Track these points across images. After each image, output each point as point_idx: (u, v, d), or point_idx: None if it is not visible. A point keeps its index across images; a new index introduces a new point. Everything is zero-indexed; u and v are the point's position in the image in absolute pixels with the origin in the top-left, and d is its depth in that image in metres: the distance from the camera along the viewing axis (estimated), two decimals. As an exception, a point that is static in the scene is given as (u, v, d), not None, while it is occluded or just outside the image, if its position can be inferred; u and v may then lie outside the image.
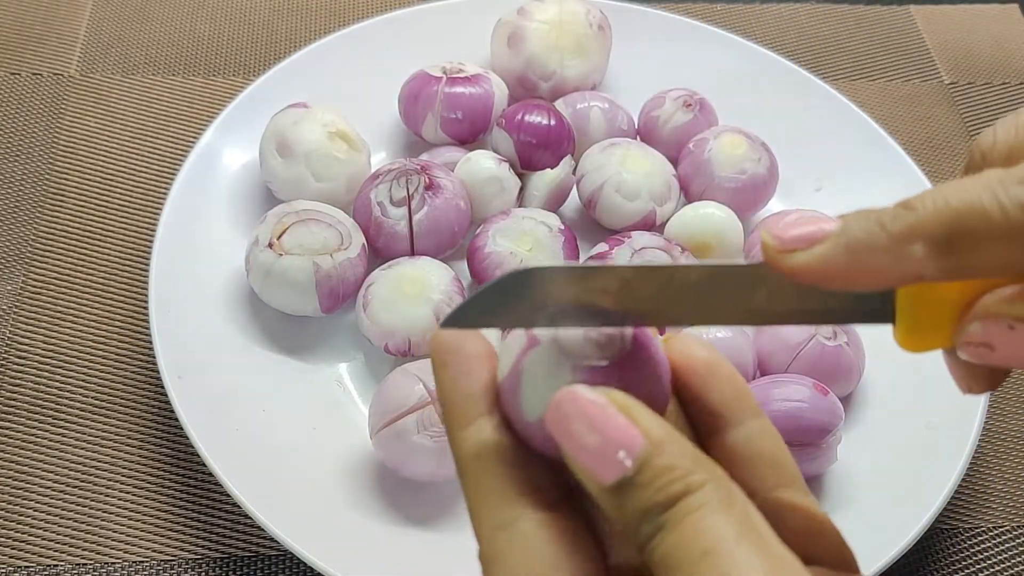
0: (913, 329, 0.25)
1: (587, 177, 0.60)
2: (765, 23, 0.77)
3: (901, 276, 0.23)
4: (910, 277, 0.23)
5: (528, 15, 0.64)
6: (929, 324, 0.25)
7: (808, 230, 0.23)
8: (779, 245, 0.23)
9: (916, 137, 0.71)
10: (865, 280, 0.23)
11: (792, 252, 0.23)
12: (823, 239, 0.23)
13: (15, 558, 0.48)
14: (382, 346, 0.53)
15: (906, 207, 0.23)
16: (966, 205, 0.22)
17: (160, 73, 0.69)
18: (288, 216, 0.54)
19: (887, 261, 0.22)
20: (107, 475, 0.51)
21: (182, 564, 0.49)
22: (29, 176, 0.62)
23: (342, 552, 0.46)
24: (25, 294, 0.57)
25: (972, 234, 0.22)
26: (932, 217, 0.22)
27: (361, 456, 0.51)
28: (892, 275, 0.23)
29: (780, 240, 0.23)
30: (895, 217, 0.22)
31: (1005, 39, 0.79)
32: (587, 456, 0.22)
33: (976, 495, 0.55)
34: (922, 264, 0.22)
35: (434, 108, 0.61)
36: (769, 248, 0.24)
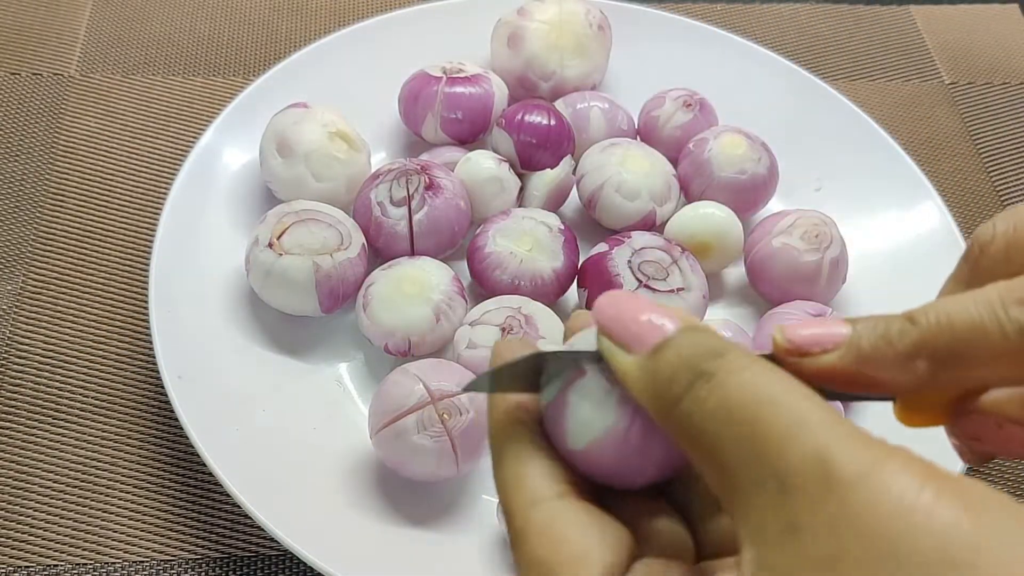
0: (911, 410, 0.26)
1: (587, 177, 0.60)
2: (765, 23, 0.77)
3: (905, 387, 0.24)
4: (913, 388, 0.24)
5: (528, 15, 0.64)
6: (926, 408, 0.26)
7: (819, 335, 0.24)
8: (791, 348, 0.24)
9: (916, 137, 0.71)
10: (871, 388, 0.24)
11: (803, 357, 0.24)
12: (833, 348, 0.24)
13: (15, 558, 0.48)
14: (382, 346, 0.53)
15: (911, 321, 0.23)
16: (968, 326, 0.23)
17: (160, 73, 0.69)
18: (288, 216, 0.54)
19: (892, 373, 0.23)
20: (107, 475, 0.51)
21: (182, 564, 0.49)
22: (29, 176, 0.62)
23: (342, 552, 0.46)
24: (25, 294, 0.57)
25: (973, 354, 0.23)
26: (935, 335, 0.23)
27: (361, 456, 0.51)
28: (896, 385, 0.24)
29: (792, 344, 0.24)
30: (901, 333, 0.23)
31: (1005, 39, 0.79)
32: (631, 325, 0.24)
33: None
34: (924, 378, 0.23)
35: (434, 108, 0.61)
36: (780, 348, 0.25)
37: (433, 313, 0.53)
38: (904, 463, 0.19)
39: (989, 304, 0.23)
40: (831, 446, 0.20)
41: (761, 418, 0.21)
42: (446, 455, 0.48)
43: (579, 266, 0.57)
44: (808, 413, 0.20)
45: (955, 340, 0.23)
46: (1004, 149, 0.72)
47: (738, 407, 0.21)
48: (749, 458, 0.21)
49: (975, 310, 0.23)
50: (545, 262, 0.55)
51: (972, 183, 0.69)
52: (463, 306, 0.54)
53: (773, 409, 0.21)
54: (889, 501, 0.19)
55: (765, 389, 0.21)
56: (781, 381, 0.21)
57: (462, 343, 0.52)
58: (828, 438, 0.20)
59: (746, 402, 0.21)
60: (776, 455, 0.20)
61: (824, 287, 0.57)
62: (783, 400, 0.21)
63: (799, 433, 0.20)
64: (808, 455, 0.20)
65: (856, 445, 0.20)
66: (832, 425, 0.20)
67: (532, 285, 0.55)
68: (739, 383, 0.21)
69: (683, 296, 0.54)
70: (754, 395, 0.21)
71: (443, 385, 0.48)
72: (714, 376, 0.22)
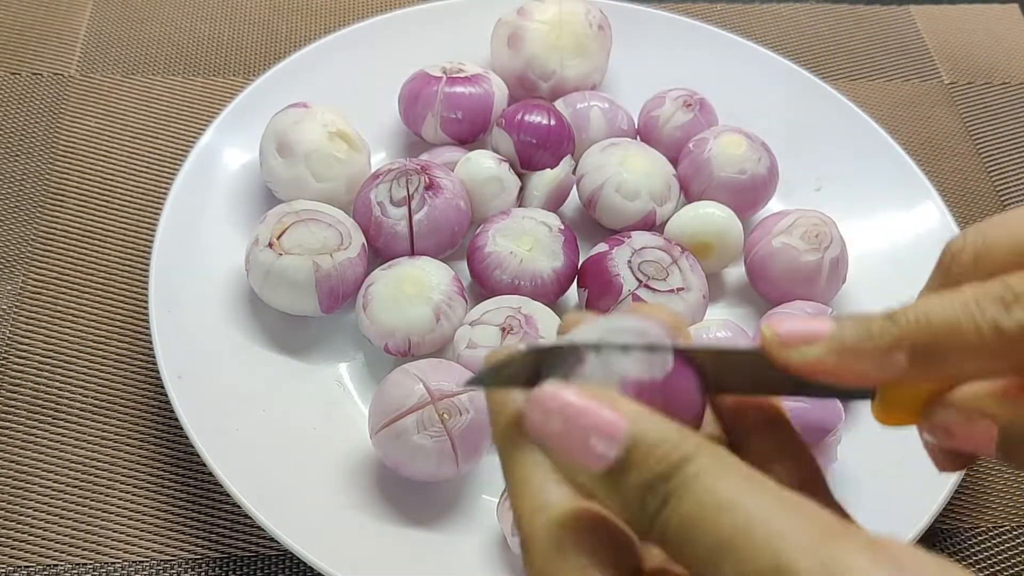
0: (887, 408, 0.27)
1: (587, 177, 0.60)
2: (765, 23, 0.77)
3: (883, 377, 0.25)
4: (891, 378, 0.25)
5: (528, 15, 0.65)
6: (902, 405, 0.27)
7: (804, 329, 0.26)
8: (777, 340, 0.26)
9: (916, 137, 0.71)
10: (851, 379, 0.25)
11: (789, 348, 0.25)
12: (817, 340, 0.25)
13: (15, 558, 0.48)
14: (382, 346, 0.53)
15: (891, 319, 0.25)
16: (945, 324, 0.24)
17: (160, 73, 0.69)
18: (288, 216, 0.54)
19: (872, 366, 0.25)
20: (107, 475, 0.51)
21: (182, 564, 0.49)
22: (29, 176, 0.62)
23: (342, 552, 0.46)
24: (25, 294, 0.57)
25: (949, 350, 0.24)
26: (914, 331, 0.25)
27: (361, 456, 0.51)
28: (876, 378, 0.25)
29: (778, 336, 0.26)
30: (882, 329, 0.25)
31: (1005, 39, 0.79)
32: (575, 450, 0.23)
33: (976, 495, 0.55)
34: (903, 370, 0.25)
35: (434, 108, 0.61)
36: (768, 342, 0.26)
37: (433, 313, 0.53)
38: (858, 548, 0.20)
39: (965, 303, 0.24)
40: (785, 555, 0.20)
41: (717, 532, 0.21)
42: (446, 455, 0.48)
43: (579, 266, 0.57)
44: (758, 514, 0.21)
45: (933, 336, 0.24)
46: (1004, 149, 0.72)
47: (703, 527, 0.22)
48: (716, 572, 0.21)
49: (951, 309, 0.24)
50: (545, 262, 0.55)
51: (972, 183, 0.69)
52: (463, 306, 0.54)
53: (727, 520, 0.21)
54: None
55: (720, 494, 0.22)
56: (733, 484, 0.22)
57: (462, 343, 0.52)
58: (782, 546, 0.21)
59: (702, 518, 0.22)
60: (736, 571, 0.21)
61: (824, 287, 0.57)
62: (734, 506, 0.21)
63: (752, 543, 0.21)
64: (765, 567, 0.21)
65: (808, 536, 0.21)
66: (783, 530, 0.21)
67: (532, 285, 0.55)
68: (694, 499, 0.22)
69: (683, 296, 0.54)
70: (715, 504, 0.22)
71: (443, 385, 0.48)
72: (670, 497, 0.22)
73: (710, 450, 0.23)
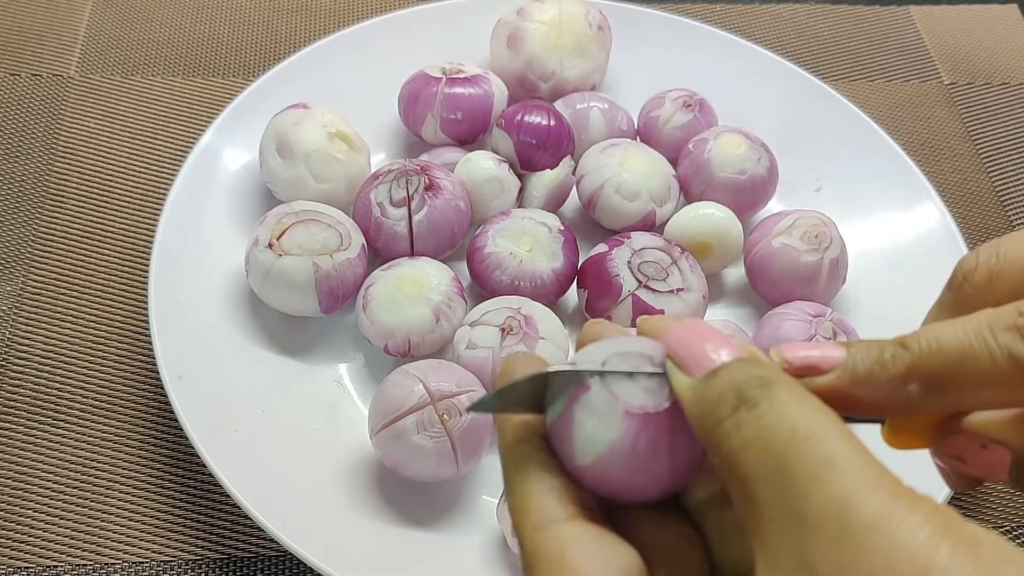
0: (898, 433, 0.27)
1: (587, 177, 0.60)
2: (765, 23, 0.77)
3: (896, 409, 0.25)
4: (904, 409, 0.25)
5: (528, 16, 0.65)
6: (913, 431, 0.27)
7: (816, 357, 0.25)
8: (788, 369, 0.25)
9: (916, 137, 0.71)
10: (864, 409, 0.25)
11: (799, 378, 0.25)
12: (829, 370, 0.25)
13: (15, 559, 0.48)
14: (382, 346, 0.53)
15: (903, 346, 0.24)
16: (958, 351, 0.24)
17: (160, 74, 0.69)
18: (288, 216, 0.54)
19: (885, 396, 0.24)
20: (107, 476, 0.51)
21: (182, 565, 0.49)
22: (29, 177, 0.62)
23: (341, 552, 0.46)
24: (25, 295, 0.57)
25: (963, 379, 0.24)
26: (927, 360, 0.24)
27: (361, 457, 0.51)
28: (889, 407, 0.25)
29: (790, 365, 0.25)
30: (895, 357, 0.24)
31: (1005, 39, 0.79)
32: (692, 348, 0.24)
33: (976, 496, 0.55)
34: (916, 400, 0.24)
35: (434, 109, 0.61)
36: None
37: (433, 314, 0.53)
38: (926, 516, 0.20)
39: (978, 331, 0.24)
40: (856, 492, 0.20)
41: (792, 455, 0.21)
42: (446, 455, 0.48)
43: (579, 267, 0.57)
44: (840, 455, 0.21)
45: (946, 365, 0.24)
46: (1004, 149, 0.72)
47: (773, 439, 0.21)
48: (776, 493, 0.21)
49: (964, 336, 0.24)
50: (545, 263, 0.55)
51: (971, 183, 0.69)
52: (463, 307, 0.54)
53: (806, 446, 0.21)
54: (905, 554, 0.19)
55: (802, 424, 0.21)
56: (821, 417, 0.22)
57: (462, 343, 0.52)
58: (854, 483, 0.20)
59: (781, 436, 0.21)
60: (801, 495, 0.20)
61: (824, 288, 0.57)
62: (818, 438, 0.21)
63: (826, 475, 0.20)
64: (831, 499, 0.20)
65: (881, 493, 0.20)
66: (861, 469, 0.21)
67: (532, 286, 0.55)
68: (779, 414, 0.22)
69: (683, 297, 0.54)
70: (790, 429, 0.21)
71: (443, 385, 0.48)
72: (757, 405, 0.22)
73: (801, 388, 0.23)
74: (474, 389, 0.49)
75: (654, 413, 0.25)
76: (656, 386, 0.25)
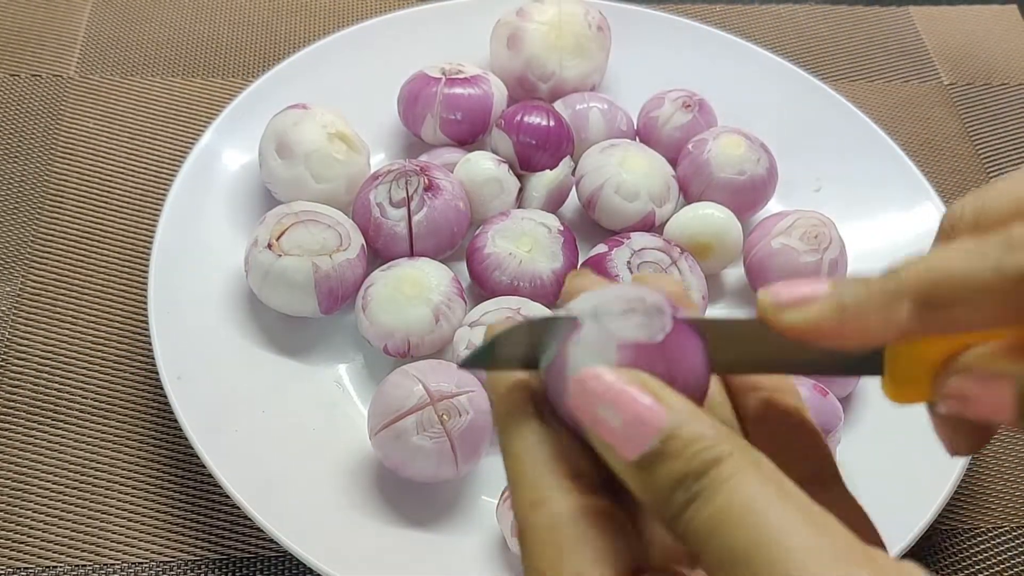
0: (898, 382, 0.27)
1: (586, 178, 0.60)
2: (764, 24, 0.77)
3: (887, 333, 0.25)
4: (896, 333, 0.24)
5: (527, 16, 0.65)
6: (913, 378, 0.26)
7: (802, 291, 0.25)
8: (774, 304, 0.25)
9: (915, 138, 0.71)
10: (855, 338, 0.25)
11: (786, 311, 0.25)
12: (815, 300, 0.25)
13: (14, 559, 0.48)
14: (381, 347, 0.53)
15: (891, 272, 0.24)
16: (945, 268, 0.24)
17: (159, 74, 0.69)
18: (287, 217, 0.54)
19: (875, 320, 0.24)
20: (106, 476, 0.51)
21: (181, 565, 0.49)
22: (28, 177, 0.62)
23: (341, 553, 0.46)
24: (24, 295, 0.57)
25: (951, 293, 0.24)
26: (915, 280, 0.24)
27: (360, 457, 0.51)
28: (879, 333, 0.25)
29: (776, 299, 0.25)
30: (882, 283, 0.24)
31: (1004, 40, 0.79)
32: (612, 434, 0.23)
33: (975, 496, 0.55)
34: (907, 321, 0.24)
35: (433, 109, 0.61)
36: (765, 306, 0.25)
37: (432, 314, 0.53)
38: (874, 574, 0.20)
39: (965, 249, 0.24)
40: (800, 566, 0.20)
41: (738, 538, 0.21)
42: (445, 456, 0.48)
43: (578, 267, 0.57)
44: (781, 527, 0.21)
45: (934, 283, 0.24)
46: (1003, 150, 0.72)
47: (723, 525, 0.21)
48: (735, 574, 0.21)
49: (953, 255, 0.24)
50: (544, 263, 0.55)
51: (971, 184, 0.69)
52: (462, 307, 0.54)
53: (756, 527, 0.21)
54: None
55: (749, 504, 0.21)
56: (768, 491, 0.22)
57: (461, 344, 0.52)
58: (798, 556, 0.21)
59: (731, 520, 0.21)
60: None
61: (823, 288, 0.57)
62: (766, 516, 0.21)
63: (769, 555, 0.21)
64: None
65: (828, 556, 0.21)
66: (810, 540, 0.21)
67: (531, 286, 0.55)
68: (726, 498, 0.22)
69: (682, 297, 0.54)
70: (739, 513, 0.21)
71: (442, 386, 0.48)
72: (700, 495, 0.22)
73: (746, 453, 0.22)
74: (473, 390, 0.49)
75: (648, 346, 0.24)
76: (648, 321, 0.25)
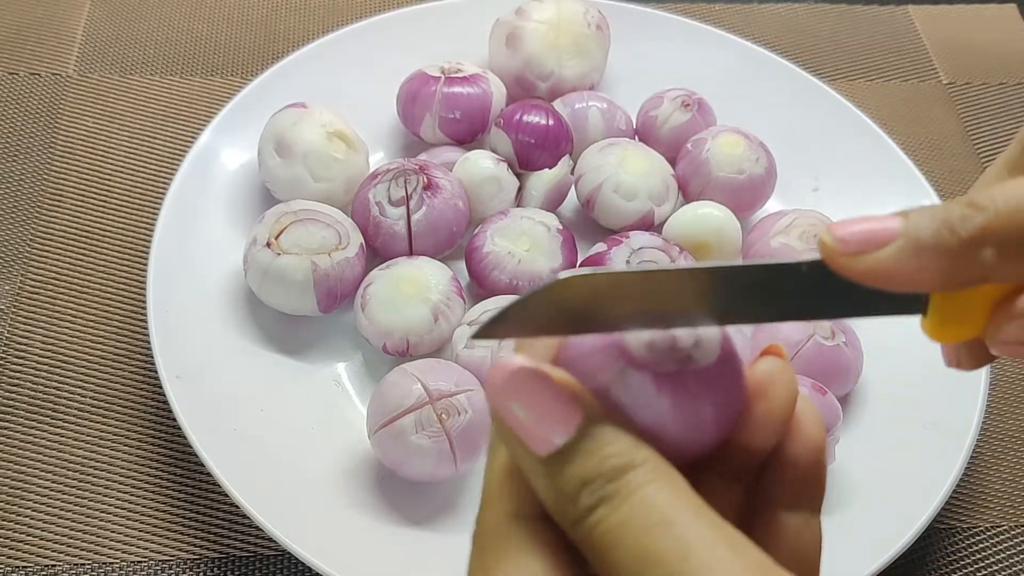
0: (946, 322, 0.24)
1: (585, 177, 0.60)
2: (763, 23, 0.77)
3: (968, 280, 0.22)
4: (977, 280, 0.22)
5: (526, 15, 0.64)
6: (963, 318, 0.24)
7: (871, 230, 0.22)
8: (842, 248, 0.22)
9: (914, 137, 0.71)
10: (931, 284, 0.22)
11: (856, 255, 0.22)
12: (888, 241, 0.22)
13: (13, 558, 0.48)
14: (380, 346, 0.53)
15: (975, 207, 0.22)
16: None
17: (158, 73, 0.69)
18: (286, 216, 0.54)
19: (956, 265, 0.22)
20: (105, 475, 0.51)
21: (180, 564, 0.49)
22: (27, 176, 0.62)
23: (340, 552, 0.46)
24: (23, 294, 0.57)
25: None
26: (1004, 220, 0.21)
27: (359, 456, 0.51)
28: (960, 279, 0.22)
29: (843, 243, 0.22)
30: (964, 218, 0.21)
31: (1003, 39, 0.79)
32: (523, 427, 0.22)
33: (974, 495, 0.55)
34: (992, 269, 0.21)
35: (432, 108, 0.61)
36: (831, 250, 0.22)
37: (431, 313, 0.53)
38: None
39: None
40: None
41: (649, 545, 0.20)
42: (444, 455, 0.48)
43: (577, 266, 0.57)
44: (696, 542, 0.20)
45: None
46: (1002, 149, 0.71)
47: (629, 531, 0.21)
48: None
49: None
50: (543, 262, 0.55)
51: (970, 183, 0.69)
52: (461, 306, 0.54)
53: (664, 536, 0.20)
54: None
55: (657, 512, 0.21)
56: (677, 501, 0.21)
57: (460, 343, 0.52)
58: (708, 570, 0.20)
59: (637, 526, 0.21)
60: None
61: (822, 287, 0.57)
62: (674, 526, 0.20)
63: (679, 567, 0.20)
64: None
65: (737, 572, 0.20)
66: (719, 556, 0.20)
67: (530, 285, 0.55)
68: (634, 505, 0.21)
69: (681, 296, 0.54)
70: (645, 519, 0.21)
71: (441, 385, 0.48)
72: (610, 500, 0.21)
73: (660, 466, 0.22)
74: (472, 388, 0.49)
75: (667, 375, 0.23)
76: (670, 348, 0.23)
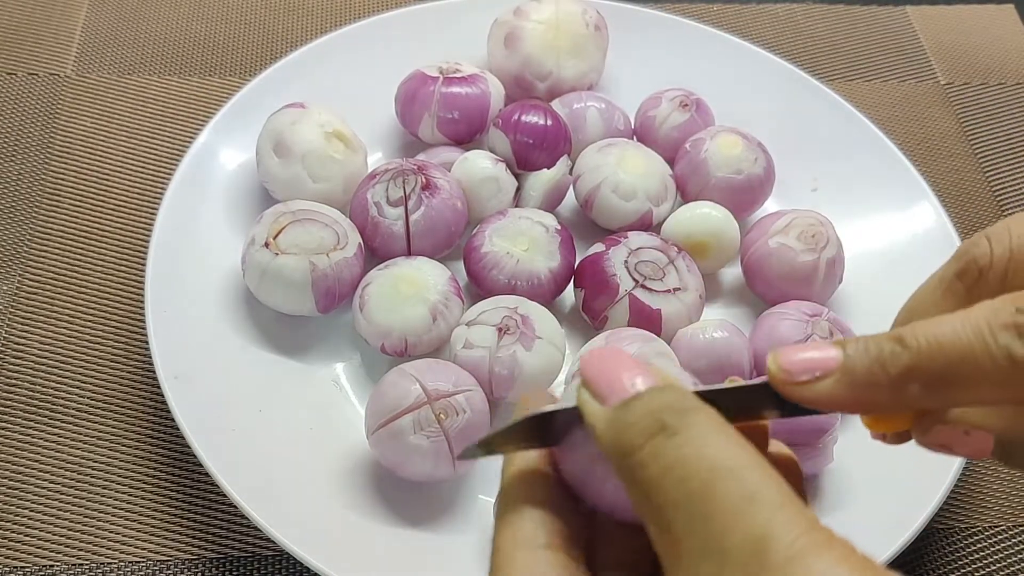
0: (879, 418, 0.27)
1: (584, 177, 0.60)
2: (762, 23, 0.77)
3: (898, 408, 0.25)
4: (904, 408, 0.25)
5: (525, 15, 0.64)
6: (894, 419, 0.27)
7: (812, 360, 0.25)
8: (786, 377, 0.25)
9: (912, 137, 0.71)
10: (865, 410, 0.25)
11: (799, 384, 0.25)
12: (827, 373, 0.25)
13: (11, 558, 0.48)
14: (378, 346, 0.53)
15: (902, 344, 0.24)
16: (958, 352, 0.24)
17: (156, 73, 0.69)
18: (284, 216, 0.54)
19: (887, 397, 0.24)
20: (103, 475, 0.51)
21: (178, 564, 0.49)
22: (25, 176, 0.62)
23: (338, 552, 0.46)
24: (21, 294, 0.57)
25: (963, 379, 0.24)
26: (927, 359, 0.24)
27: (358, 456, 0.51)
28: (890, 408, 0.25)
29: (788, 373, 0.25)
30: (893, 355, 0.24)
31: (1001, 39, 0.79)
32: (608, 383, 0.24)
33: (972, 495, 0.55)
34: (917, 400, 0.24)
35: (431, 108, 0.61)
36: (776, 378, 0.25)
37: (429, 313, 0.53)
38: (840, 556, 0.20)
39: (978, 329, 0.24)
40: (776, 527, 0.20)
41: (713, 487, 0.21)
42: (442, 455, 0.48)
43: (576, 266, 0.57)
44: (761, 489, 0.21)
45: (946, 365, 0.24)
46: (1000, 149, 0.72)
47: (694, 470, 0.21)
48: (695, 525, 0.21)
49: (964, 335, 0.24)
50: (541, 262, 0.55)
51: (968, 183, 0.69)
52: (459, 306, 0.54)
53: (727, 480, 0.21)
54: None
55: (723, 456, 0.21)
56: (741, 451, 0.22)
57: (458, 343, 0.52)
58: (775, 518, 0.20)
59: (702, 467, 0.21)
60: (721, 529, 0.20)
61: (820, 287, 0.57)
62: (739, 471, 0.21)
63: (748, 509, 0.21)
64: (752, 534, 0.20)
65: (799, 529, 0.20)
66: (781, 505, 0.21)
67: (528, 285, 0.55)
68: (698, 445, 0.22)
69: (679, 296, 0.54)
70: (711, 461, 0.21)
71: (439, 385, 0.48)
72: (676, 434, 0.22)
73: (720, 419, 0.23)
74: (471, 389, 0.49)
75: None
76: None
